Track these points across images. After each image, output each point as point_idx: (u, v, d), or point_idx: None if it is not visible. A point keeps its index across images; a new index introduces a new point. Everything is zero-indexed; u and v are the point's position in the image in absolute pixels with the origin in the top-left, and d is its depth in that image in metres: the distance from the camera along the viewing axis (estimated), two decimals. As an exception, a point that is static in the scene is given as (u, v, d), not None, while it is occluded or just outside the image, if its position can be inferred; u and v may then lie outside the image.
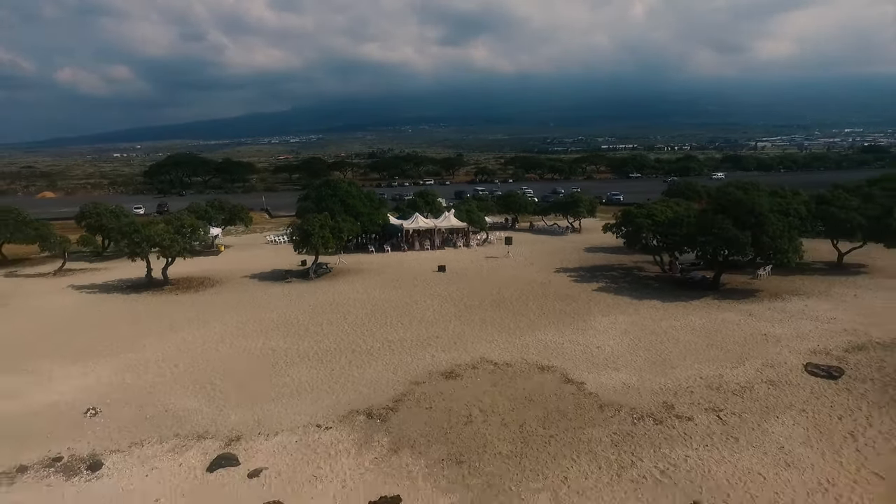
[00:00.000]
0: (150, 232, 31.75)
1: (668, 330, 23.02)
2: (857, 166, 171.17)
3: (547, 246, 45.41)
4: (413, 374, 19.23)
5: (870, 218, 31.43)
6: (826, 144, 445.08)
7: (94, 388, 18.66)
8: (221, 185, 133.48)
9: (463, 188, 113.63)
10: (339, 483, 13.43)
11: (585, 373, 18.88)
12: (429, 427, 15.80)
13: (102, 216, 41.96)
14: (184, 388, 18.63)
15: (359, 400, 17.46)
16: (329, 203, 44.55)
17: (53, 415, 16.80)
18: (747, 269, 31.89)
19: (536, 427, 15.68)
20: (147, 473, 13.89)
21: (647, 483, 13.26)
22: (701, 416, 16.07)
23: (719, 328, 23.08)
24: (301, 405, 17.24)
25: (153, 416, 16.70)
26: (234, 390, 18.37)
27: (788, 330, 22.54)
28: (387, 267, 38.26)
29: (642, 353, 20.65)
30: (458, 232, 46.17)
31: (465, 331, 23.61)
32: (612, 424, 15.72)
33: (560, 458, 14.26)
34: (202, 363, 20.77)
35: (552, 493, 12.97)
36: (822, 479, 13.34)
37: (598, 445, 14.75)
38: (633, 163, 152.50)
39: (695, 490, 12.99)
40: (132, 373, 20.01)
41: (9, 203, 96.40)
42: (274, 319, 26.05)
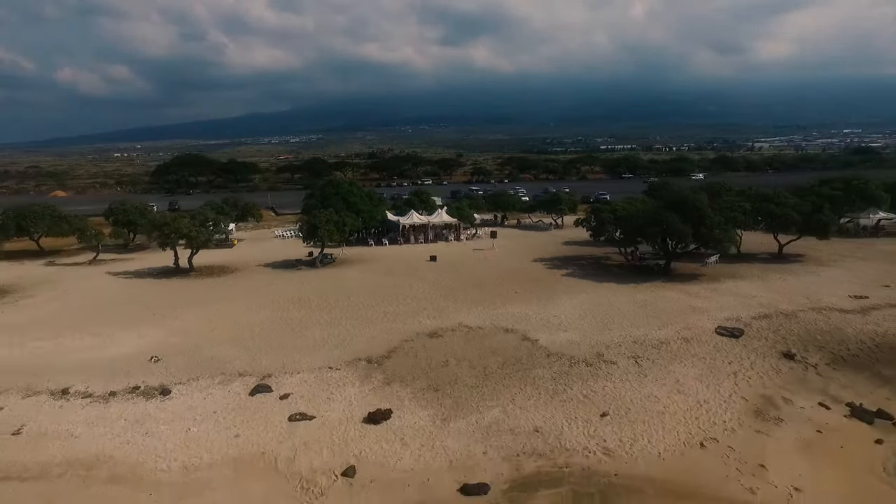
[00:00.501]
0: (178, 225, 36.77)
1: (616, 304, 28.03)
2: (843, 167, 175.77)
3: (529, 240, 50.43)
4: (403, 334, 24.23)
5: (802, 214, 36.43)
6: (823, 145, 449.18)
7: (150, 345, 23.65)
8: (226, 185, 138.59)
9: (459, 188, 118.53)
10: (346, 402, 18.45)
11: (540, 334, 23.88)
12: (414, 368, 20.82)
13: (129, 212, 47.00)
14: (222, 344, 23.64)
15: (361, 351, 22.47)
16: (333, 201, 49.59)
17: (126, 361, 21.81)
18: (700, 258, 36.90)
19: (496, 369, 20.68)
20: (205, 397, 18.91)
21: (572, 402, 18.28)
22: (623, 361, 21.09)
23: (657, 302, 28.09)
24: (316, 355, 22.24)
25: (202, 361, 21.70)
26: (263, 345, 23.38)
27: (713, 304, 27.55)
28: (384, 257, 43.30)
29: (589, 320, 25.66)
30: (449, 227, 51.20)
31: (449, 305, 28.60)
32: (553, 367, 20.73)
33: (511, 387, 19.27)
34: (234, 328, 25.77)
35: (502, 408, 17.98)
36: (701, 400, 18.37)
37: (540, 380, 19.75)
38: (626, 164, 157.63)
39: (606, 406, 18.02)
40: (178, 335, 25.00)
41: (22, 201, 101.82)
42: (288, 298, 31.04)
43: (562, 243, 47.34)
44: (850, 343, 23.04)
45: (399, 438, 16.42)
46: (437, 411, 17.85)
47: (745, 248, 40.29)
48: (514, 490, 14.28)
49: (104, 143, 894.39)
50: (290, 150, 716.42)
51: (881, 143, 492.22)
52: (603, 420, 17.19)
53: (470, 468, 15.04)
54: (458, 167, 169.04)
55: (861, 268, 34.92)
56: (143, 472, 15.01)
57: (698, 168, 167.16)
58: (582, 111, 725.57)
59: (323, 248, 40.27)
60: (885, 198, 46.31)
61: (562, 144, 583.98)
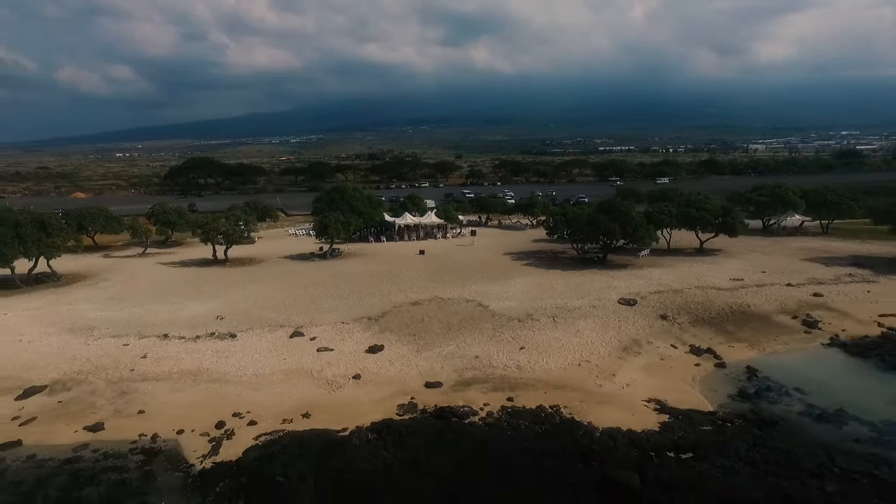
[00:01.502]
0: (217, 225, 46.48)
1: (554, 284, 37.72)
2: (824, 171, 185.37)
3: (505, 238, 60.10)
4: (394, 303, 33.91)
5: (716, 216, 46.07)
6: (818, 147, 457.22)
7: (213, 310, 33.34)
8: (233, 187, 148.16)
9: (452, 190, 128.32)
10: (353, 341, 28.13)
11: (491, 302, 33.58)
12: (400, 323, 30.51)
13: (169, 214, 56.71)
14: (264, 309, 33.34)
15: (363, 313, 32.16)
16: (338, 204, 59.31)
17: (200, 319, 31.52)
18: (636, 251, 46.52)
19: (456, 323, 30.37)
20: (259, 338, 28.60)
21: (502, 342, 27.97)
22: (544, 319, 30.77)
23: (586, 283, 37.78)
24: (332, 315, 31.93)
25: (253, 319, 31.41)
26: (294, 310, 33.08)
27: (625, 284, 37.24)
28: (382, 251, 53.03)
29: (529, 294, 35.35)
30: (437, 227, 60.86)
31: (429, 285, 38.27)
32: (495, 322, 30.42)
33: (464, 334, 28.95)
34: (270, 300, 35.46)
35: (456, 345, 27.66)
36: (589, 341, 28.04)
37: (484, 330, 29.43)
38: (613, 167, 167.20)
39: (524, 343, 27.69)
40: (231, 304, 34.68)
41: (45, 202, 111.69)
42: (307, 280, 40.73)
43: (531, 240, 56.97)
44: (713, 310, 32.74)
45: (388, 360, 26.11)
46: (413, 347, 27.55)
47: (677, 244, 49.95)
48: (458, 386, 23.95)
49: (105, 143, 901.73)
50: (290, 150, 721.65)
51: (876, 145, 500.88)
52: (520, 351, 26.89)
53: (431, 375, 24.71)
54: (454, 170, 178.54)
55: (758, 259, 44.61)
56: (229, 377, 24.68)
57: (685, 171, 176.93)
58: (582, 112, 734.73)
59: (332, 244, 49.99)
60: (800, 203, 55.91)
61: (561, 145, 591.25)
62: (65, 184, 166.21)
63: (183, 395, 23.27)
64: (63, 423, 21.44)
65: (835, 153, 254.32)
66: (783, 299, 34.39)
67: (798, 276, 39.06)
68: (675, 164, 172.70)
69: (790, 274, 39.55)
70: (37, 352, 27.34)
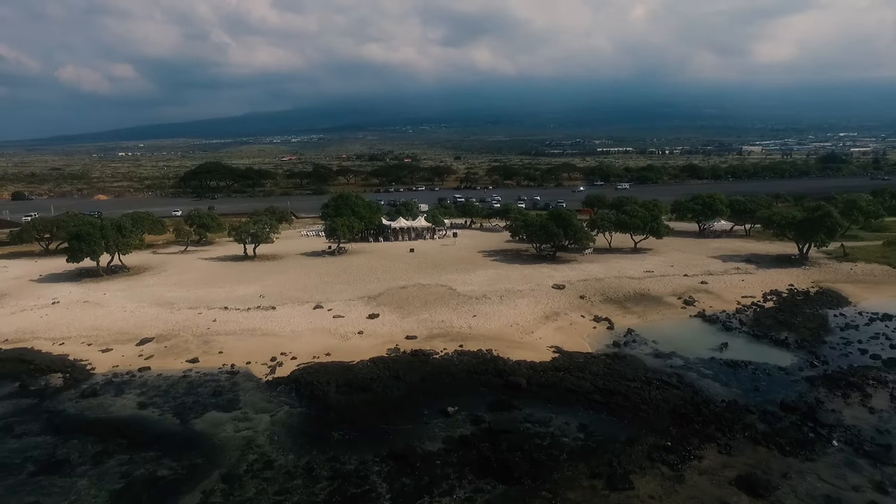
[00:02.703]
0: (247, 227, 59.13)
1: (509, 274, 50.36)
2: (800, 176, 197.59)
3: (483, 239, 72.69)
4: (387, 287, 46.57)
5: (644, 221, 58.59)
6: (811, 150, 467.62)
7: (255, 291, 45.99)
8: (243, 190, 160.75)
9: (446, 194, 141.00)
10: (358, 312, 40.85)
11: (459, 287, 46.23)
12: (391, 300, 43.20)
13: (203, 218, 69.34)
14: (293, 290, 46.02)
15: (364, 294, 44.84)
16: (343, 210, 71.91)
17: (247, 297, 44.23)
18: (581, 250, 59.03)
19: (431, 300, 43.04)
20: (292, 309, 41.33)
21: (461, 312, 40.63)
22: (494, 298, 43.42)
23: (533, 273, 50.38)
24: (342, 294, 44.60)
25: (286, 297, 44.09)
26: (314, 291, 45.75)
27: (562, 274, 49.84)
28: (379, 249, 65.69)
29: (488, 281, 47.95)
30: (426, 229, 73.45)
31: (415, 275, 50.89)
32: (459, 300, 43.07)
33: (436, 307, 41.64)
34: (296, 284, 48.11)
35: (429, 314, 40.35)
36: (523, 312, 40.69)
37: (451, 305, 42.09)
38: (599, 172, 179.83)
39: (476, 313, 40.33)
40: (267, 288, 47.32)
41: (70, 204, 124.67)
42: (321, 271, 53.36)
43: (504, 241, 69.49)
44: (621, 292, 45.33)
45: (381, 323, 38.75)
46: (399, 315, 40.20)
47: (619, 244, 62.46)
48: (427, 338, 36.54)
49: (106, 142, 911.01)
50: (292, 149, 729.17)
51: (871, 147, 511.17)
52: (472, 317, 39.53)
53: (410, 331, 37.31)
54: (449, 173, 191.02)
55: (675, 256, 57.20)
56: (274, 332, 37.30)
57: (668, 175, 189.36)
58: (582, 113, 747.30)
59: (339, 243, 62.60)
60: (726, 210, 68.44)
61: (560, 146, 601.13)
62: (80, 184, 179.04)
63: (246, 343, 35.92)
64: (172, 358, 34.11)
65: (819, 157, 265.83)
66: (676, 286, 46.99)
67: (697, 269, 51.70)
68: (658, 169, 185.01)
69: (691, 267, 52.18)
70: (139, 317, 40.07)
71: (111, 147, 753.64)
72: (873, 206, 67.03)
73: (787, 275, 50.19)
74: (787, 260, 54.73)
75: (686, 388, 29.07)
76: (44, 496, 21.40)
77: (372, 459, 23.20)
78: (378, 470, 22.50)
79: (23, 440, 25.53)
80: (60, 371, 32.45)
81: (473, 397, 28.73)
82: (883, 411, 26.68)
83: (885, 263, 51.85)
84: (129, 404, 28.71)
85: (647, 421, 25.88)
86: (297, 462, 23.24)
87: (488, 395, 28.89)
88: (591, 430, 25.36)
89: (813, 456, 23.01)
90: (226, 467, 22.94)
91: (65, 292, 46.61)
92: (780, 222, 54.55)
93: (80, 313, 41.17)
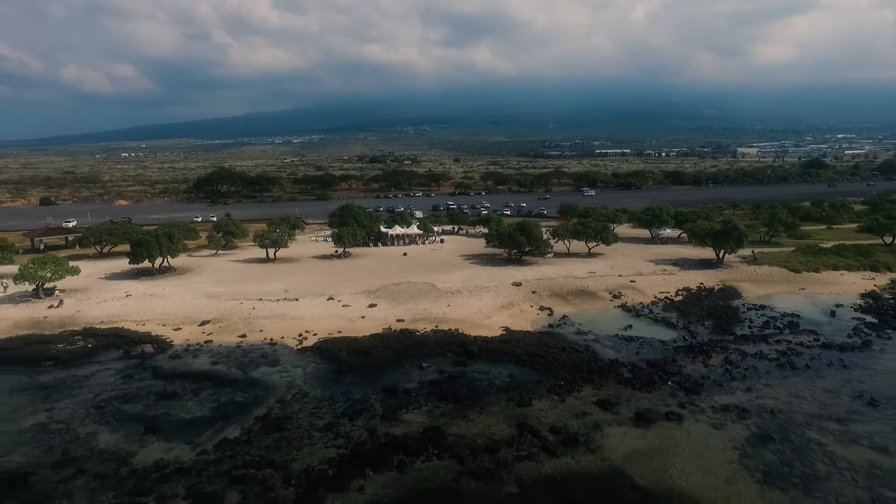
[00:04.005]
0: (268, 234, 73.00)
1: (481, 273, 64.19)
2: (778, 182, 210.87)
3: (466, 244, 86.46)
4: (383, 284, 60.44)
5: (596, 230, 72.28)
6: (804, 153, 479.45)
7: (281, 287, 59.90)
8: (253, 195, 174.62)
9: (440, 200, 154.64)
10: (360, 302, 54.78)
11: (439, 284, 60.10)
12: (386, 294, 57.11)
13: (229, 225, 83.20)
14: (310, 286, 59.91)
15: (365, 289, 58.75)
16: (347, 219, 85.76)
17: (275, 292, 58.16)
18: (543, 255, 72.75)
19: (417, 294, 56.97)
20: (311, 300, 55.24)
21: (439, 303, 54.55)
22: (465, 292, 57.34)
23: (499, 273, 64.20)
24: (349, 290, 58.49)
25: (305, 291, 57.99)
26: (326, 287, 59.65)
27: (522, 274, 63.63)
28: (378, 253, 79.56)
29: (463, 279, 61.82)
30: (418, 235, 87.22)
31: (406, 274, 64.73)
32: (438, 293, 56.94)
33: (421, 299, 55.56)
34: (312, 282, 61.98)
35: (415, 304, 54.24)
36: (487, 304, 54.56)
37: (431, 297, 56.00)
38: (586, 178, 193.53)
39: (450, 303, 54.22)
40: (290, 285, 61.21)
41: (94, 209, 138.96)
42: (331, 272, 67.23)
43: (483, 246, 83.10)
44: (566, 289, 59.10)
45: (379, 311, 52.64)
46: (392, 305, 54.09)
47: (578, 249, 76.14)
48: (412, 321, 50.43)
49: (108, 142, 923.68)
50: (293, 150, 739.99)
51: (866, 149, 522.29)
52: (447, 307, 53.41)
53: (400, 316, 51.17)
54: (445, 179, 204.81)
55: (619, 260, 70.92)
56: (299, 317, 51.15)
57: (653, 181, 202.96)
58: (583, 113, 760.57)
59: (345, 248, 76.43)
60: (670, 220, 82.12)
61: (559, 147, 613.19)
62: (96, 188, 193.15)
63: (279, 324, 49.76)
64: (226, 334, 47.98)
65: (801, 163, 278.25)
66: (610, 284, 60.72)
67: (631, 270, 65.43)
68: (643, 176, 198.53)
69: (628, 269, 65.91)
70: (196, 306, 53.98)
71: (114, 147, 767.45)
72: (790, 219, 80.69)
73: (702, 275, 63.93)
74: (708, 263, 68.43)
75: (588, 353, 42.89)
76: (168, 410, 35.25)
77: (370, 392, 37.04)
78: (374, 397, 36.32)
79: (142, 383, 39.41)
80: (149, 342, 46.34)
81: (441, 358, 42.54)
82: (713, 367, 40.40)
83: (784, 267, 65.44)
84: (205, 363, 42.60)
85: (553, 372, 39.63)
86: (322, 394, 37.08)
87: (451, 358, 42.67)
88: (515, 377, 39.18)
89: (651, 390, 36.76)
90: (278, 396, 36.78)
91: (132, 287, 60.59)
92: (699, 233, 68.22)
93: (151, 303, 55.14)
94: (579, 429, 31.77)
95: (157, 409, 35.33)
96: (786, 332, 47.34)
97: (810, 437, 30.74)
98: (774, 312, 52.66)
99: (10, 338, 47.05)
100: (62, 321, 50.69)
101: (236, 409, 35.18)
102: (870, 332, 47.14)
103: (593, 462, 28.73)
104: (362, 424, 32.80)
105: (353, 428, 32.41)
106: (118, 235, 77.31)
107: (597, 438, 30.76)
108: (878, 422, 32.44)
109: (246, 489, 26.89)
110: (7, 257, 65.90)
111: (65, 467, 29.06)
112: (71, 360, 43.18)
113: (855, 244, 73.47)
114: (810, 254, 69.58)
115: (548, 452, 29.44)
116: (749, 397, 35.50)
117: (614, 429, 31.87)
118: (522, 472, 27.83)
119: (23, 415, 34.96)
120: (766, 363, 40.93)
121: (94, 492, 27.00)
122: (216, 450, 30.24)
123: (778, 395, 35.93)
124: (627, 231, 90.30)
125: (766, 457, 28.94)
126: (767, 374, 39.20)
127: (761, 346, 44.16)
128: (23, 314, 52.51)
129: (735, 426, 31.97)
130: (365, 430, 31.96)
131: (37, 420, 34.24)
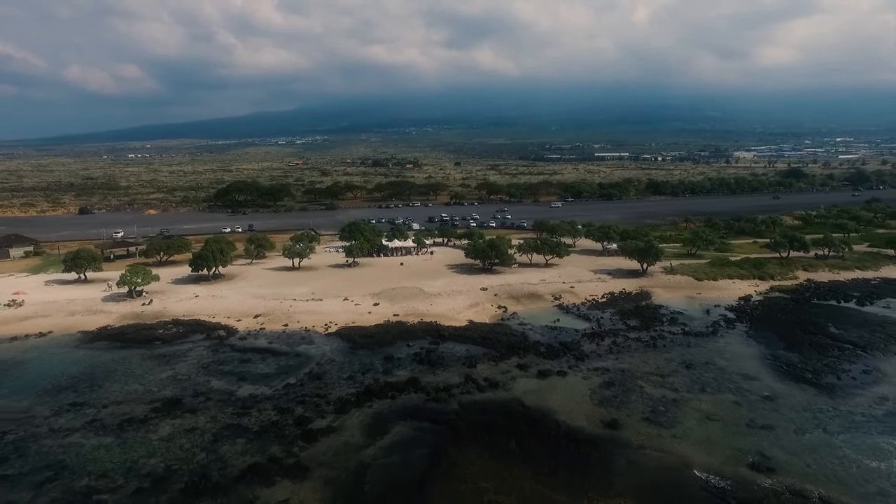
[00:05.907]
0: (294, 248, 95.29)
1: (458, 280, 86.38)
2: (750, 192, 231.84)
3: (452, 255, 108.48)
4: (384, 288, 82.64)
5: (551, 246, 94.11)
6: (797, 157, 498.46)
7: (308, 290, 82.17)
8: (267, 204, 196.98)
9: (436, 211, 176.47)
10: (367, 302, 77.07)
11: (426, 287, 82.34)
12: (386, 296, 79.44)
13: (261, 240, 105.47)
14: (330, 289, 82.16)
15: (371, 291, 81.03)
16: (356, 234, 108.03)
17: (304, 293, 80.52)
18: (509, 266, 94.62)
19: (409, 296, 79.26)
20: (332, 300, 77.52)
21: (425, 302, 76.74)
22: (445, 294, 79.63)
23: (472, 280, 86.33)
24: (358, 292, 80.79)
25: (327, 293, 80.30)
26: (342, 290, 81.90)
27: (489, 281, 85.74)
28: (380, 263, 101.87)
29: (444, 284, 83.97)
30: (412, 248, 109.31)
31: (402, 281, 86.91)
32: (424, 295, 79.30)
33: (412, 299, 77.82)
34: (330, 286, 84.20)
35: (406, 303, 76.51)
36: (461, 303, 76.77)
37: (419, 299, 78.30)
38: (573, 189, 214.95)
39: (433, 302, 76.42)
40: (314, 288, 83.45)
41: (127, 218, 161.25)
42: (344, 278, 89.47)
43: (465, 257, 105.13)
44: (520, 292, 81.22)
45: (381, 308, 74.88)
46: (391, 304, 76.32)
47: (538, 261, 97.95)
48: (405, 316, 72.61)
49: (114, 142, 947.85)
50: (297, 151, 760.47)
51: (859, 154, 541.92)
52: (430, 305, 75.62)
53: (396, 312, 73.37)
54: (442, 189, 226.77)
55: (568, 269, 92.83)
56: (325, 312, 73.38)
57: (634, 192, 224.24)
58: (584, 115, 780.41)
59: (354, 258, 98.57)
60: (616, 237, 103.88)
61: (559, 150, 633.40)
62: (122, 195, 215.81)
63: (310, 317, 71.93)
64: (273, 324, 70.26)
65: (779, 172, 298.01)
66: (555, 289, 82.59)
67: (573, 278, 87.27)
68: (624, 187, 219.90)
69: (572, 277, 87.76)
70: (248, 304, 76.23)
71: (119, 147, 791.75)
72: (711, 236, 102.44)
73: (627, 282, 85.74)
74: (636, 273, 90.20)
75: (521, 337, 64.88)
76: (248, 369, 57.38)
77: (375, 359, 59.13)
78: (377, 362, 58.36)
79: (225, 354, 61.58)
80: (221, 329, 68.48)
81: (422, 340, 64.56)
82: (603, 345, 62.25)
83: (692, 276, 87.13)
84: (263, 342, 64.77)
85: (495, 348, 61.55)
86: (343, 360, 59.18)
87: (429, 339, 64.65)
88: (470, 351, 61.18)
89: (555, 359, 58.64)
90: (315, 361, 58.90)
91: (197, 290, 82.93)
92: (628, 249, 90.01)
93: (215, 302, 77.43)
94: (501, 379, 53.79)
95: (241, 368, 57.56)
96: (665, 324, 69.19)
97: (638, 384, 52.61)
98: (666, 310, 74.50)
99: (125, 325, 69.43)
100: (156, 314, 73.06)
101: (290, 369, 57.36)
102: (724, 325, 68.91)
103: (504, 395, 50.75)
104: (370, 377, 54.90)
105: (364, 378, 54.53)
106: (174, 247, 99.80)
107: (510, 384, 52.77)
108: (686, 376, 54.32)
109: (305, 407, 48.99)
110: (98, 266, 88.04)
111: (197, 396, 51.24)
112: (172, 340, 65.45)
113: (757, 257, 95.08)
114: (717, 265, 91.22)
115: (479, 390, 51.50)
116: (614, 363, 57.42)
117: (522, 379, 53.86)
118: (462, 400, 49.83)
119: (157, 372, 57.23)
120: (638, 344, 62.83)
121: (220, 409, 49.13)
122: (284, 389, 52.41)
123: (633, 362, 57.84)
124: (587, 244, 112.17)
125: (605, 393, 50.86)
126: (636, 350, 61.10)
127: (641, 333, 66.03)
128: (126, 309, 74.91)
129: (596, 378, 53.92)
130: (371, 379, 54.09)
131: (167, 374, 56.50)
